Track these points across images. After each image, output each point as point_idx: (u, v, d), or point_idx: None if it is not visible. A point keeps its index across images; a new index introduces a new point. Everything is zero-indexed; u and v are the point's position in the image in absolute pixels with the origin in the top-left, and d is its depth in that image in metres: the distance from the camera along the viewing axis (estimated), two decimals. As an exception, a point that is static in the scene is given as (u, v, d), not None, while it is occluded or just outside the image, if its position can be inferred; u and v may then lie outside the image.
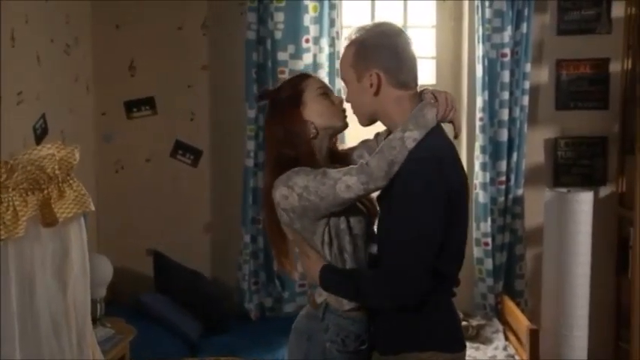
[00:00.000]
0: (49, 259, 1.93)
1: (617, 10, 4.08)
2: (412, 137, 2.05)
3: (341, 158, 2.34)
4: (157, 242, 4.13)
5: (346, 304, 2.19)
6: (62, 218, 1.87)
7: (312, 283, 2.25)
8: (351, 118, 2.27)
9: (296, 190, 2.11)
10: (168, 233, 4.19)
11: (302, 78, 2.30)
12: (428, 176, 2.00)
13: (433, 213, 2.00)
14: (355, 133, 2.55)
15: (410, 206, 2.01)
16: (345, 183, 2.07)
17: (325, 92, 2.27)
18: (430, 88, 2.23)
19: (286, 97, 2.25)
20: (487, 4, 3.92)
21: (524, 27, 3.94)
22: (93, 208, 1.93)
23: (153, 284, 4.01)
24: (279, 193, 2.14)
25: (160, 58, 4.16)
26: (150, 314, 3.71)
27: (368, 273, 2.12)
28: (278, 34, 3.93)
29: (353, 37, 2.17)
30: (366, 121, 2.22)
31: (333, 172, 2.11)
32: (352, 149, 2.40)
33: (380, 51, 2.12)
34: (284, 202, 2.14)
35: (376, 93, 2.12)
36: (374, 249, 2.27)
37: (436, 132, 2.10)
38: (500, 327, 3.90)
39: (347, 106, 2.25)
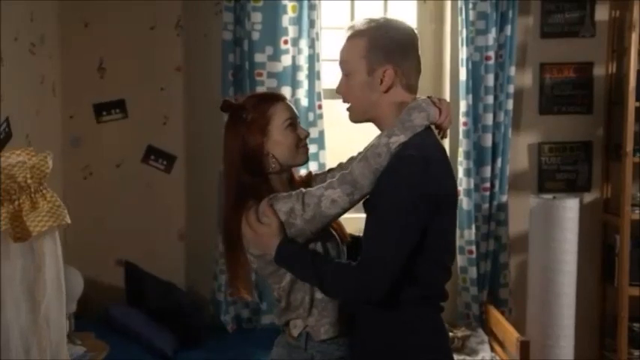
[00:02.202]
0: (19, 277, 1.76)
1: (601, 14, 4.02)
2: (398, 142, 1.93)
3: (303, 184, 2.21)
4: (128, 252, 3.95)
5: (323, 334, 2.07)
6: (35, 232, 1.70)
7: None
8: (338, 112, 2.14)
9: (280, 217, 1.99)
10: (139, 242, 4.00)
11: (270, 102, 2.14)
12: (409, 175, 1.87)
13: (407, 214, 1.87)
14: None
15: (385, 205, 1.90)
16: (330, 198, 1.95)
17: (292, 123, 2.13)
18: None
19: (251, 122, 2.09)
20: (471, 5, 3.82)
21: (508, 29, 3.85)
22: (69, 221, 1.76)
23: (124, 296, 3.82)
24: None
25: (131, 59, 3.97)
26: (121, 328, 3.53)
27: (334, 264, 2.01)
28: (255, 35, 3.79)
29: (362, 27, 2.03)
30: (362, 117, 2.08)
31: (314, 190, 1.99)
32: (324, 173, 2.28)
33: (396, 46, 1.99)
34: None
35: (386, 90, 1.99)
36: None
37: (425, 133, 1.98)
38: (486, 337, 3.80)
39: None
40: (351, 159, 2.22)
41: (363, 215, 2.03)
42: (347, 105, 2.10)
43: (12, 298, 1.77)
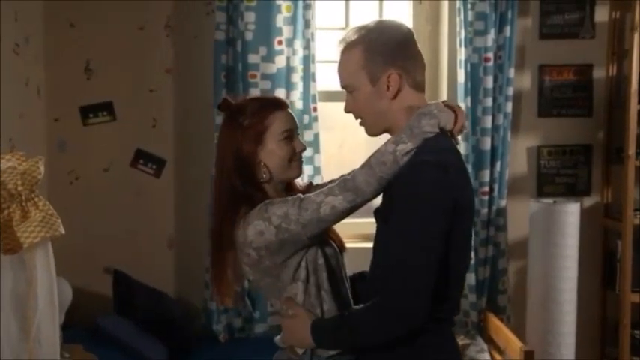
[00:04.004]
0: (8, 292, 1.63)
1: (601, 15, 3.95)
2: (405, 150, 1.82)
3: (302, 193, 2.11)
4: (117, 259, 3.81)
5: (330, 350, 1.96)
6: (27, 244, 1.57)
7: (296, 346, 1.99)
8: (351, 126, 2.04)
9: (273, 221, 1.88)
10: (128, 249, 3.87)
11: (271, 110, 2.03)
12: (430, 183, 1.77)
13: (435, 224, 1.76)
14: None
15: (404, 219, 1.78)
16: (330, 204, 1.85)
17: (290, 136, 2.02)
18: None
19: (247, 128, 1.99)
20: (469, 6, 3.74)
21: (507, 30, 3.76)
22: (63, 231, 1.64)
23: (112, 305, 3.70)
24: (254, 229, 1.91)
25: (119, 60, 3.85)
26: (109, 339, 3.44)
27: (360, 310, 1.85)
28: (249, 36, 3.67)
29: (353, 37, 1.94)
30: (378, 129, 1.98)
31: (313, 196, 1.88)
32: (324, 185, 2.17)
33: (394, 47, 1.89)
34: (258, 239, 1.90)
35: (395, 95, 1.89)
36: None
37: (440, 136, 1.88)
38: (485, 346, 3.71)
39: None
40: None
41: (365, 220, 1.94)
42: (359, 121, 2.00)
43: (1, 314, 1.65)
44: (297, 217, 1.87)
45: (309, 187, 2.19)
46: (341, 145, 4.19)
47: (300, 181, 2.23)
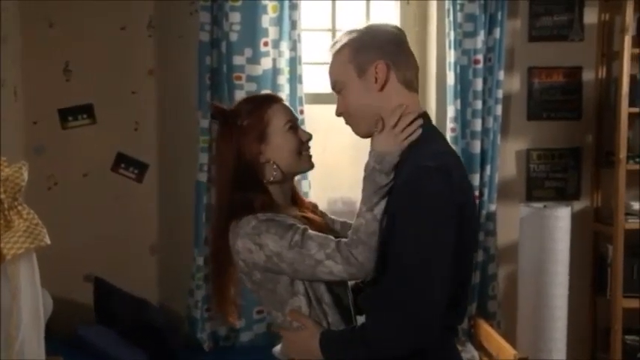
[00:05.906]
0: (-10, 307, 1.53)
1: (590, 17, 3.92)
2: (382, 209, 1.76)
3: (305, 205, 2.05)
4: (97, 267, 3.71)
5: None
6: (10, 255, 1.47)
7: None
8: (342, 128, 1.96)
9: (265, 251, 1.81)
10: (109, 257, 3.77)
11: (267, 104, 1.95)
12: (434, 188, 1.69)
13: (443, 229, 1.69)
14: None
15: (416, 225, 1.69)
16: (329, 269, 1.78)
17: (294, 126, 1.94)
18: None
19: (247, 128, 1.90)
20: (458, 7, 3.68)
21: (497, 32, 3.71)
22: (48, 242, 1.54)
23: (93, 314, 3.61)
24: (243, 245, 1.83)
25: (99, 61, 3.75)
26: (90, 349, 3.34)
27: (373, 321, 1.77)
28: (234, 36, 3.58)
29: (344, 39, 1.88)
30: (368, 127, 1.86)
31: (314, 248, 1.79)
32: (325, 215, 2.11)
33: (384, 43, 1.83)
34: (246, 254, 1.84)
35: (382, 88, 1.81)
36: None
37: (436, 137, 1.83)
38: (476, 353, 3.65)
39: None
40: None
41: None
42: (347, 121, 1.92)
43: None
44: (292, 262, 1.80)
45: (315, 210, 2.10)
46: (324, 149, 4.11)
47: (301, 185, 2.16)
